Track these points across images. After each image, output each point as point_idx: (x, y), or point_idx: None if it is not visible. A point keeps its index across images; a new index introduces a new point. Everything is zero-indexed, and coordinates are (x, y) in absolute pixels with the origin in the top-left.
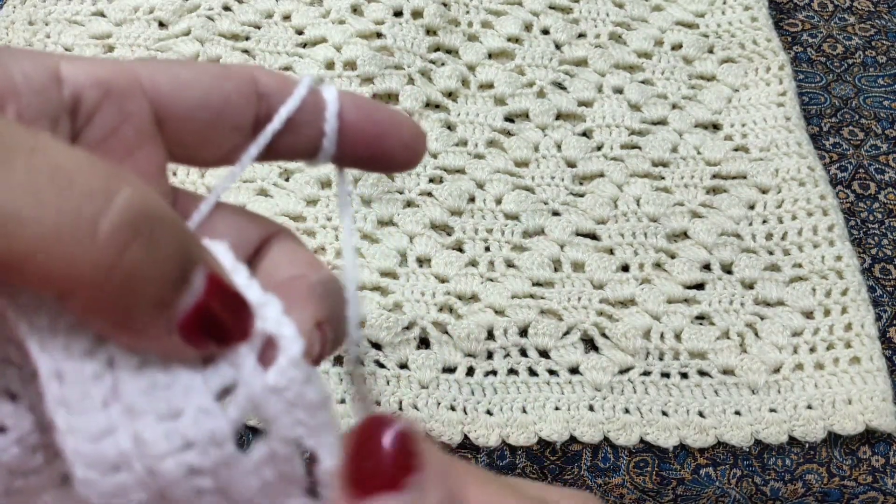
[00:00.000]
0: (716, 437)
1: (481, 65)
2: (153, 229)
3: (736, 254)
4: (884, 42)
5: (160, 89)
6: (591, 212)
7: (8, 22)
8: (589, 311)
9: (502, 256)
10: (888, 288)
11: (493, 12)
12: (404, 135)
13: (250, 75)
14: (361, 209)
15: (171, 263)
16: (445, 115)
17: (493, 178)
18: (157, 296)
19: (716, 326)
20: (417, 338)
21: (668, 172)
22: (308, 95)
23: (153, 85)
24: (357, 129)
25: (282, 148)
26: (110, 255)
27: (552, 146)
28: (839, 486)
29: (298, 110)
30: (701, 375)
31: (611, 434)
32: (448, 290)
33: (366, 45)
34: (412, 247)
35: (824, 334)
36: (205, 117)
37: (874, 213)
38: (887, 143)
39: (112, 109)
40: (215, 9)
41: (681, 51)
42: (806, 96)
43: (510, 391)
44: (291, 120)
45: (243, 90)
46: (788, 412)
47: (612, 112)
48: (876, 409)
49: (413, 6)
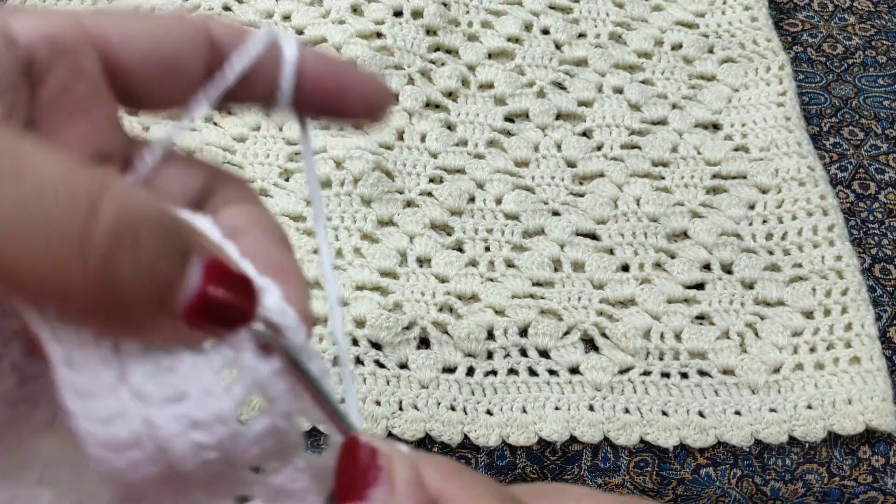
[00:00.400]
0: (716, 437)
1: (481, 65)
2: (138, 235)
3: (736, 254)
4: (884, 42)
5: (110, 41)
6: (591, 212)
7: None
8: (589, 311)
9: (502, 256)
10: (888, 288)
11: (493, 12)
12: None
13: (203, 24)
14: (361, 209)
15: (162, 263)
16: (445, 115)
17: (493, 178)
18: (154, 296)
19: (716, 326)
20: (417, 338)
21: (668, 172)
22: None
23: (102, 37)
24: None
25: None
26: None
27: (552, 146)
28: (839, 485)
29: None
30: (701, 375)
31: (611, 434)
32: (448, 290)
33: (366, 45)
34: (412, 247)
35: (824, 334)
36: (155, 68)
37: (874, 213)
38: (887, 143)
39: (64, 67)
40: (215, 9)
41: (681, 51)
42: (806, 96)
43: (510, 391)
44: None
45: (194, 39)
46: (788, 412)
47: (612, 112)
48: (876, 409)
49: (413, 6)
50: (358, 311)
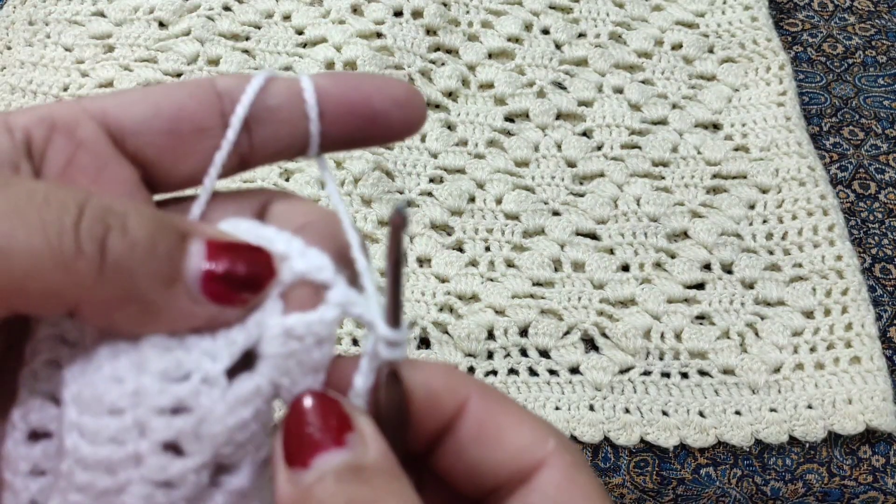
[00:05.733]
0: (716, 437)
1: (481, 65)
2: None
3: (736, 253)
4: (884, 42)
5: (108, 111)
6: (591, 212)
7: (8, 22)
8: (589, 310)
9: (502, 256)
10: (888, 288)
11: (493, 12)
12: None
13: (206, 81)
14: (362, 209)
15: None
16: (445, 115)
17: (493, 177)
18: (159, 273)
19: (716, 326)
20: (418, 338)
21: (668, 172)
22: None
23: (101, 109)
24: (342, 102)
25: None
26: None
27: (552, 146)
28: (839, 485)
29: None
30: (701, 375)
31: (611, 434)
32: (448, 290)
33: (366, 45)
34: (412, 247)
35: (824, 334)
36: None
37: (874, 213)
38: (887, 143)
39: (61, 140)
40: (215, 9)
41: (681, 51)
42: (806, 96)
43: (510, 391)
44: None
45: (197, 94)
46: (789, 412)
47: (613, 112)
48: (876, 409)
49: (413, 6)
50: None
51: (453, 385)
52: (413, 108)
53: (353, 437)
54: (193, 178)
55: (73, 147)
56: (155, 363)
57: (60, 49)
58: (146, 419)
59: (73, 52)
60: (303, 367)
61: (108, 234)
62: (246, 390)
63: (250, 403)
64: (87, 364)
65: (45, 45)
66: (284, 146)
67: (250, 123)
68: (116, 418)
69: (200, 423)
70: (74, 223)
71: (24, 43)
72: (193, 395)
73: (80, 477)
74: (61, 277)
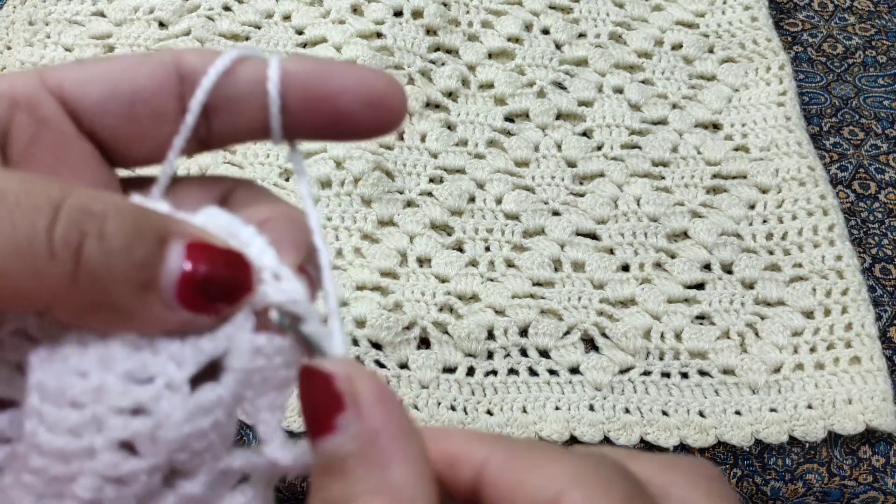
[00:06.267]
0: (716, 437)
1: (481, 65)
2: (104, 224)
3: (736, 254)
4: (884, 42)
5: (64, 87)
6: (591, 212)
7: (8, 22)
8: (589, 310)
9: (502, 256)
10: (888, 288)
11: (493, 12)
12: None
13: (171, 59)
14: (362, 209)
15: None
16: (445, 115)
17: (493, 177)
18: (134, 280)
19: (716, 326)
20: (418, 338)
21: (668, 172)
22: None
23: (58, 86)
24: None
25: (229, 131)
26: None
27: (552, 146)
28: (839, 485)
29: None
30: (701, 375)
31: (611, 434)
32: (448, 290)
33: (366, 45)
34: (412, 247)
35: (824, 334)
36: (116, 108)
37: (874, 213)
38: (887, 143)
39: (24, 118)
40: (215, 9)
41: (681, 51)
42: (806, 96)
43: (510, 391)
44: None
45: (157, 75)
46: (789, 412)
47: (613, 112)
48: (876, 409)
49: (413, 6)
50: (358, 311)
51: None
52: (387, 108)
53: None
54: (151, 158)
55: (35, 125)
56: (121, 363)
57: (60, 49)
58: (105, 416)
59: (73, 53)
60: (268, 384)
61: (83, 240)
62: (207, 400)
63: (210, 413)
64: (53, 351)
65: (45, 45)
66: (245, 133)
67: (210, 110)
68: (76, 411)
69: (157, 428)
70: (48, 227)
71: (24, 43)
72: (154, 400)
73: (35, 461)
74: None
